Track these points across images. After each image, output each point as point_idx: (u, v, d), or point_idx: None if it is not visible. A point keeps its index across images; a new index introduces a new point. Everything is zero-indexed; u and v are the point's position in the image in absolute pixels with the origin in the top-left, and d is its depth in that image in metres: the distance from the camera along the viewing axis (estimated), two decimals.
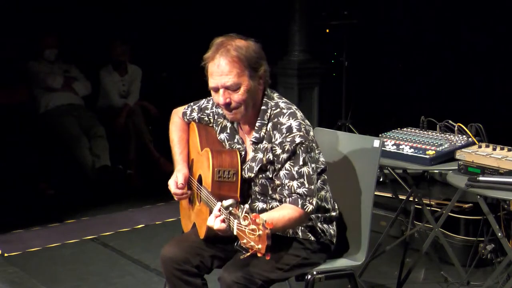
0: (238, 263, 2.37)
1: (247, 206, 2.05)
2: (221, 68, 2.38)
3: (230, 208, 2.12)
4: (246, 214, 2.01)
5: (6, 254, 4.19)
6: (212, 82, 2.43)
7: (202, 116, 2.72)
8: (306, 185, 2.38)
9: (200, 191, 2.57)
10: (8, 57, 5.68)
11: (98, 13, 6.27)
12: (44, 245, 4.35)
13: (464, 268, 3.58)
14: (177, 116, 2.85)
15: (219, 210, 2.22)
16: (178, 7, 6.72)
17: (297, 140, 2.39)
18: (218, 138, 2.64)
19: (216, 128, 2.66)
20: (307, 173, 2.40)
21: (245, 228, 1.99)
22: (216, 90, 2.43)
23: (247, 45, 2.42)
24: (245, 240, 1.99)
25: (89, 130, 5.69)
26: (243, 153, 2.55)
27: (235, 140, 2.59)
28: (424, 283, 3.78)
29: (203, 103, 2.73)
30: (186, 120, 2.81)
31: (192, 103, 2.80)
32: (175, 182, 2.67)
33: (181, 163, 2.74)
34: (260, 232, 1.94)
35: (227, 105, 2.42)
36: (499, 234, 3.02)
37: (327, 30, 6.40)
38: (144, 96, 6.24)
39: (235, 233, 2.06)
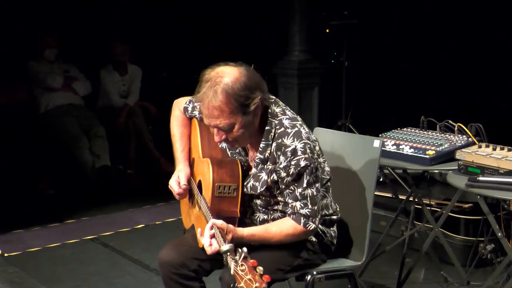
0: None
1: (245, 250, 2.00)
2: (211, 112, 2.31)
3: (228, 254, 2.08)
4: (243, 263, 1.98)
5: (6, 254, 4.19)
6: (205, 121, 2.39)
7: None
8: (310, 206, 2.39)
9: (200, 200, 2.54)
10: (8, 57, 5.67)
11: (98, 13, 6.27)
12: (44, 245, 4.35)
13: (464, 268, 3.57)
14: (178, 109, 2.80)
15: (211, 228, 2.24)
16: (178, 7, 6.72)
17: (302, 163, 2.36)
18: (220, 146, 2.60)
19: None
20: (310, 194, 2.39)
21: (243, 276, 1.97)
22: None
23: (236, 79, 2.29)
24: (242, 284, 1.97)
25: (89, 130, 5.69)
26: (245, 164, 2.53)
27: (237, 151, 2.57)
28: (424, 283, 3.78)
29: None
30: (187, 115, 2.78)
31: (194, 99, 2.77)
32: (177, 182, 2.65)
33: (182, 162, 2.72)
34: (257, 284, 1.92)
35: (225, 141, 2.40)
36: (499, 234, 3.01)
37: (327, 30, 6.39)
38: (144, 96, 6.24)
39: (232, 273, 2.03)
